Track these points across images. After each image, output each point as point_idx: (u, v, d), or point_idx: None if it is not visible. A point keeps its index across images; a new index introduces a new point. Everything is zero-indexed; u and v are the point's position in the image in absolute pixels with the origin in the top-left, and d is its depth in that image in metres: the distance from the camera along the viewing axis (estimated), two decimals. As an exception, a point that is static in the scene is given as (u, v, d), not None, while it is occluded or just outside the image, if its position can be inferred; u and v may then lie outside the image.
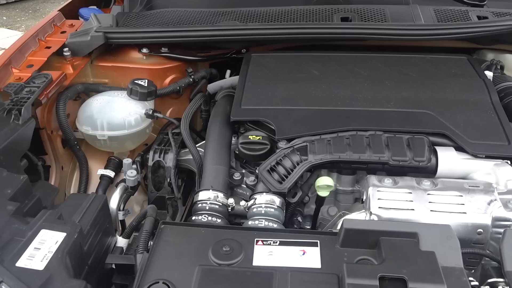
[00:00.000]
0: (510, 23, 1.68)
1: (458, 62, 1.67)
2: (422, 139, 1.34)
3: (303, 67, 1.67)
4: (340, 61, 1.69)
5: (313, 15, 1.83)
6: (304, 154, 1.33)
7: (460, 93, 1.51)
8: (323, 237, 1.09)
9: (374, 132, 1.37)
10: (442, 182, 1.26)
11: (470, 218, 1.17)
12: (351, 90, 1.54)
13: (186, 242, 1.09)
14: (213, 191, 1.31)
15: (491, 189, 1.22)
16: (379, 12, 1.82)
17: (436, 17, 1.77)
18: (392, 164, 1.30)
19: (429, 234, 1.02)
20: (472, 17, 1.76)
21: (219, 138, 1.48)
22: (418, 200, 1.21)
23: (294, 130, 1.40)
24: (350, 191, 1.43)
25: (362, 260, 1.03)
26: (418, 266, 0.96)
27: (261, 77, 1.64)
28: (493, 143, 1.33)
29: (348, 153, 1.32)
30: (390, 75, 1.60)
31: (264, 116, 1.46)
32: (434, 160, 1.31)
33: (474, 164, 1.31)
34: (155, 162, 1.62)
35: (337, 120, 1.42)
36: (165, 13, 2.05)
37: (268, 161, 1.34)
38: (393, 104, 1.47)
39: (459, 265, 0.98)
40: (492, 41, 1.83)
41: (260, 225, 1.22)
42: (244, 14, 1.90)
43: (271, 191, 1.30)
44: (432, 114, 1.42)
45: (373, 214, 1.19)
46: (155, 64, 1.88)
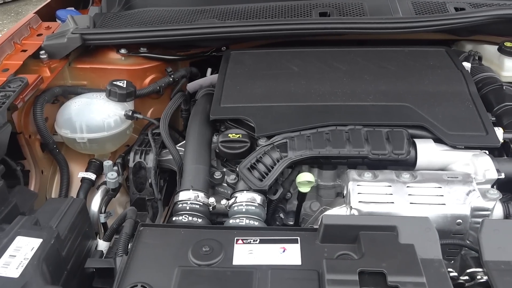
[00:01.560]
0: (486, 14, 1.69)
1: (436, 54, 1.68)
2: (401, 132, 1.34)
3: (283, 64, 1.66)
4: (319, 56, 1.68)
5: (291, 11, 1.83)
6: (284, 150, 1.33)
7: (438, 85, 1.51)
8: (303, 233, 1.09)
9: (353, 127, 1.37)
10: (421, 174, 1.26)
11: (449, 209, 1.17)
12: (330, 85, 1.53)
13: (165, 243, 1.08)
14: (194, 191, 1.30)
15: (470, 179, 1.23)
16: (358, 6, 1.82)
17: (414, 9, 1.78)
18: (372, 158, 1.30)
19: (408, 227, 1.03)
20: (449, 8, 1.76)
21: (199, 137, 1.46)
22: (398, 193, 1.21)
23: (273, 127, 1.39)
24: (332, 186, 1.43)
25: (342, 255, 1.03)
26: (397, 259, 0.96)
27: (240, 75, 1.63)
28: (471, 134, 1.34)
29: (328, 148, 1.31)
30: (369, 69, 1.60)
31: (243, 113, 1.45)
32: (413, 152, 1.31)
33: (453, 155, 1.31)
34: (136, 163, 1.60)
35: (317, 115, 1.41)
36: (143, 13, 2.03)
37: (248, 159, 1.33)
38: (372, 98, 1.47)
39: (438, 256, 0.98)
40: (470, 32, 1.84)
41: (241, 224, 1.22)
42: (223, 11, 1.89)
43: (252, 189, 1.29)
44: (411, 107, 1.42)
45: (353, 209, 1.19)
46: (134, 65, 1.86)
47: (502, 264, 0.96)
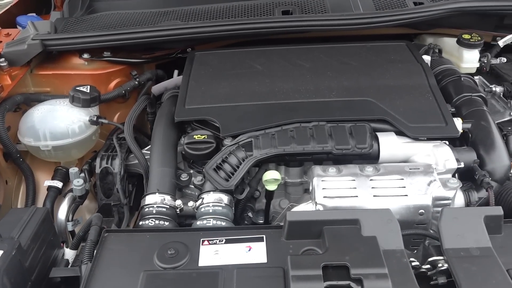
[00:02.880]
0: (444, 7, 1.73)
1: (397, 48, 1.71)
2: (364, 127, 1.36)
3: (247, 63, 1.66)
4: (283, 55, 1.70)
5: (254, 10, 1.83)
6: (249, 149, 1.33)
7: (399, 78, 1.54)
8: (269, 231, 1.09)
9: (317, 123, 1.38)
10: (384, 167, 1.29)
11: (412, 200, 1.20)
12: (294, 83, 1.54)
13: (130, 248, 1.07)
14: (160, 194, 1.30)
15: (431, 170, 1.26)
16: (319, 4, 1.84)
17: (374, 5, 1.81)
18: (336, 153, 1.32)
19: (370, 219, 1.04)
20: (408, 3, 1.80)
21: (164, 140, 1.46)
22: (361, 186, 1.23)
23: (238, 127, 1.39)
24: (299, 183, 1.45)
25: (307, 251, 1.04)
26: (360, 252, 0.98)
27: (204, 76, 1.63)
28: (431, 126, 1.37)
29: (293, 145, 1.32)
30: (332, 65, 1.62)
31: (208, 114, 1.45)
32: (376, 146, 1.34)
33: (414, 147, 1.34)
34: (103, 169, 1.58)
35: (281, 113, 1.42)
36: (106, 16, 2.00)
37: (214, 160, 1.33)
38: (335, 93, 1.49)
39: (400, 247, 1.00)
40: (429, 26, 1.88)
41: (208, 225, 1.22)
42: (186, 13, 1.88)
43: (219, 190, 1.29)
44: (373, 101, 1.45)
45: (319, 204, 1.20)
46: (97, 69, 1.84)
47: (461, 251, 0.99)
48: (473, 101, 1.50)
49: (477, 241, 1.00)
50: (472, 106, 1.48)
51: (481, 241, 1.00)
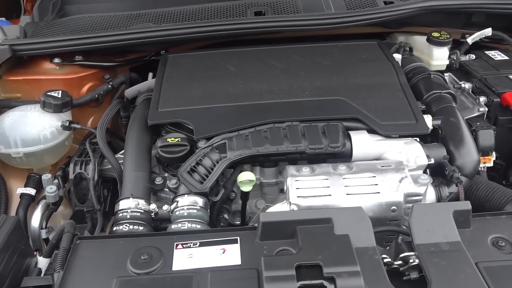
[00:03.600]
0: (413, 6, 1.76)
1: (368, 47, 1.73)
2: (337, 126, 1.37)
3: (220, 64, 1.66)
4: (256, 55, 1.70)
5: (227, 11, 1.83)
6: (223, 151, 1.33)
7: (370, 77, 1.56)
8: (243, 232, 1.10)
9: (290, 123, 1.39)
10: (357, 165, 1.30)
11: (384, 197, 1.22)
12: (267, 83, 1.55)
13: (103, 255, 1.05)
14: (134, 199, 1.28)
15: (402, 167, 1.28)
16: (292, 4, 1.85)
17: (346, 5, 1.83)
18: (309, 152, 1.32)
19: (343, 217, 1.05)
20: (379, 3, 1.82)
21: (138, 144, 1.44)
22: (335, 185, 1.24)
23: (212, 129, 1.39)
24: (275, 183, 1.45)
25: (281, 251, 1.04)
26: (332, 251, 0.99)
27: (178, 78, 1.62)
28: (402, 123, 1.39)
29: (266, 146, 1.33)
30: (305, 65, 1.63)
31: (182, 117, 1.44)
32: (349, 144, 1.35)
33: (386, 144, 1.36)
34: (77, 174, 1.55)
35: (255, 114, 1.43)
36: (77, 20, 1.97)
37: (188, 162, 1.33)
38: (308, 93, 1.50)
39: (372, 244, 1.02)
40: (400, 24, 1.91)
41: (183, 228, 1.21)
42: (158, 15, 1.87)
43: (193, 192, 1.29)
44: (345, 100, 1.46)
45: (293, 204, 1.21)
46: (69, 74, 1.81)
47: (432, 246, 1.01)
48: (442, 98, 1.53)
49: (447, 236, 1.02)
50: (441, 103, 1.50)
51: (450, 235, 1.02)
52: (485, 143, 1.49)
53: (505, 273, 0.97)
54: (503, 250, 1.03)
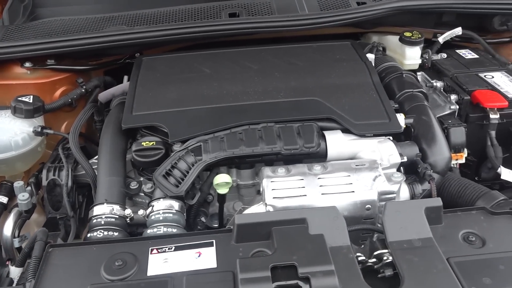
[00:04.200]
0: (385, 6, 1.78)
1: (342, 47, 1.75)
2: (311, 126, 1.38)
3: (195, 67, 1.65)
4: (231, 57, 1.70)
5: (201, 13, 1.83)
6: (198, 154, 1.33)
7: (344, 77, 1.58)
8: (219, 235, 1.09)
9: (266, 124, 1.39)
10: (331, 165, 1.31)
11: (358, 196, 1.23)
12: (242, 85, 1.55)
13: (76, 262, 1.04)
14: (108, 205, 1.27)
15: (376, 165, 1.30)
16: (266, 5, 1.85)
17: (319, 6, 1.84)
18: (284, 153, 1.33)
19: (317, 217, 1.06)
20: (352, 3, 1.84)
21: (112, 148, 1.42)
22: (310, 185, 1.25)
23: (187, 131, 1.38)
24: (251, 185, 1.45)
25: (257, 253, 1.05)
26: (307, 251, 0.99)
27: (152, 81, 1.61)
28: (375, 122, 1.41)
29: (242, 148, 1.33)
30: (279, 66, 1.64)
31: (156, 120, 1.43)
32: (324, 144, 1.36)
33: (360, 143, 1.38)
34: (50, 181, 1.52)
35: (230, 116, 1.42)
36: (49, 23, 1.94)
37: (163, 166, 1.32)
38: (283, 94, 1.50)
39: (346, 243, 1.03)
40: (373, 25, 1.94)
41: (158, 233, 1.20)
42: (132, 17, 1.85)
43: (169, 196, 1.28)
44: (320, 100, 1.47)
45: (269, 205, 1.21)
46: (41, 78, 1.78)
47: (404, 243, 1.02)
48: (414, 96, 1.55)
49: (419, 232, 1.04)
50: (413, 101, 1.53)
51: (422, 232, 1.04)
52: (457, 140, 1.52)
53: (475, 267, 0.99)
54: (473, 245, 1.05)
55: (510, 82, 1.69)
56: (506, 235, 1.07)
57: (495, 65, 1.83)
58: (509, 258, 1.01)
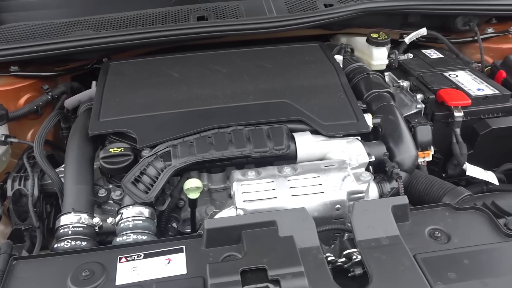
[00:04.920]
0: (352, 8, 1.81)
1: (310, 49, 1.77)
2: (281, 128, 1.39)
3: (163, 71, 1.64)
4: (200, 61, 1.69)
5: (169, 17, 1.81)
6: (168, 159, 1.31)
7: (313, 79, 1.59)
8: (189, 241, 1.08)
9: (235, 128, 1.39)
10: (301, 166, 1.32)
11: (328, 196, 1.24)
12: (211, 89, 1.54)
13: (42, 275, 1.01)
14: (75, 214, 1.24)
15: (345, 165, 1.31)
16: (234, 8, 1.85)
17: (287, 8, 1.85)
18: (254, 156, 1.33)
19: (287, 219, 1.07)
20: (319, 5, 1.86)
21: (79, 156, 1.40)
22: (280, 187, 1.25)
23: (156, 137, 1.37)
24: (223, 188, 1.45)
25: (227, 257, 1.04)
26: (277, 253, 1.00)
27: (120, 86, 1.58)
28: (344, 123, 1.42)
29: (211, 152, 1.32)
30: (249, 69, 1.64)
31: (124, 126, 1.41)
32: (293, 146, 1.37)
33: (329, 144, 1.39)
34: (16, 191, 1.48)
35: (199, 120, 1.42)
36: (12, 28, 1.89)
37: (131, 172, 1.30)
38: (252, 97, 1.50)
39: (316, 244, 1.03)
40: (341, 26, 1.96)
41: (128, 240, 1.18)
42: (99, 22, 1.82)
43: (138, 203, 1.26)
44: (289, 102, 1.48)
45: (239, 209, 1.21)
46: (4, 85, 1.73)
47: (372, 241, 1.04)
48: (381, 96, 1.58)
49: (386, 230, 1.06)
50: (381, 101, 1.55)
51: (389, 230, 1.06)
52: (423, 139, 1.55)
53: (441, 262, 1.01)
54: (439, 241, 1.07)
55: (473, 80, 1.74)
56: (470, 230, 1.10)
57: (459, 64, 1.88)
58: (473, 252, 1.04)
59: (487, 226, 1.11)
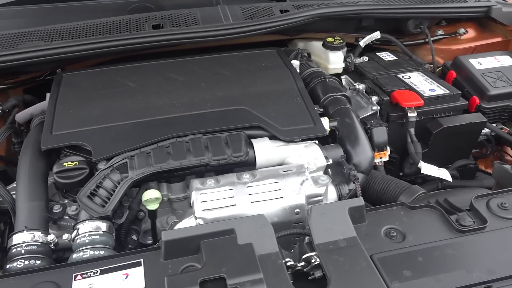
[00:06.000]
0: (306, 14, 1.84)
1: (267, 55, 1.78)
2: (239, 135, 1.39)
3: (118, 81, 1.61)
4: (156, 70, 1.67)
5: (124, 25, 1.78)
6: (124, 171, 1.29)
7: (270, 85, 1.60)
8: (147, 254, 1.07)
9: (193, 136, 1.38)
10: (260, 173, 1.32)
11: (287, 201, 1.25)
12: (168, 98, 1.53)
13: (-8, 298, 0.97)
14: (29, 232, 1.20)
15: (303, 170, 1.32)
16: (190, 16, 1.84)
17: (243, 15, 1.86)
18: (213, 164, 1.33)
19: (245, 227, 1.07)
20: (275, 11, 1.88)
21: (31, 171, 1.35)
22: (239, 194, 1.25)
23: (112, 148, 1.34)
24: (183, 198, 1.43)
25: (186, 268, 1.03)
26: (236, 261, 1.00)
27: (73, 98, 1.54)
28: (301, 127, 1.44)
29: (169, 161, 1.31)
30: (206, 76, 1.64)
31: (78, 139, 1.37)
32: (252, 152, 1.37)
33: (288, 149, 1.40)
34: (-35, 209, 1.42)
35: (156, 130, 1.40)
36: (-43, 41, 1.81)
37: (87, 186, 1.27)
38: (210, 105, 1.50)
39: (275, 249, 1.04)
40: (297, 32, 1.99)
41: (85, 256, 1.15)
42: (50, 32, 1.76)
43: (95, 217, 1.23)
44: (247, 109, 1.48)
45: (198, 218, 1.20)
46: (-49, 100, 1.66)
47: (330, 244, 1.05)
48: (337, 100, 1.60)
49: (344, 232, 1.07)
50: (337, 105, 1.58)
51: (347, 232, 1.07)
52: (379, 140, 1.59)
53: (396, 261, 1.04)
54: (394, 240, 1.10)
55: (426, 81, 1.80)
56: (424, 228, 1.13)
57: (412, 65, 1.94)
58: (427, 250, 1.07)
59: (440, 223, 1.15)
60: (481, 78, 1.83)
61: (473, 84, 1.83)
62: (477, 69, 1.87)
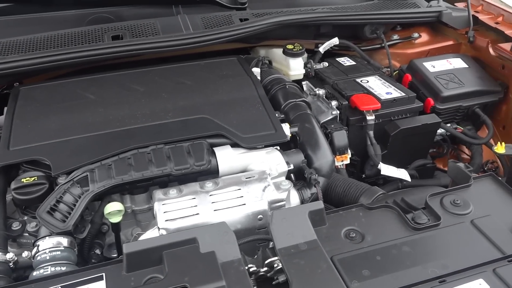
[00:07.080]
0: (266, 22, 1.87)
1: (228, 63, 1.80)
2: (201, 144, 1.40)
3: (78, 93, 1.59)
4: (116, 81, 1.66)
5: (82, 37, 1.76)
6: (85, 185, 1.28)
7: (231, 93, 1.62)
8: (109, 267, 1.06)
9: (155, 147, 1.38)
10: (222, 180, 1.34)
11: (250, 208, 1.27)
12: (129, 109, 1.52)
13: None
14: (-14, 251, 1.17)
15: (265, 176, 1.35)
16: (150, 26, 1.84)
17: (203, 24, 1.87)
18: (176, 174, 1.33)
19: (207, 235, 1.08)
20: (235, 20, 1.90)
21: (-13, 189, 1.32)
22: (202, 203, 1.26)
23: (72, 162, 1.33)
24: (147, 209, 1.43)
25: (149, 280, 1.03)
26: (199, 270, 1.01)
27: (31, 112, 1.52)
28: (263, 134, 1.46)
29: (131, 173, 1.30)
30: (167, 86, 1.64)
31: (37, 153, 1.35)
32: (214, 161, 1.38)
33: (249, 156, 1.42)
34: None
35: (117, 142, 1.39)
36: None
37: (47, 202, 1.25)
38: (172, 114, 1.50)
39: (237, 256, 1.05)
40: (258, 39, 2.01)
41: (45, 273, 1.13)
42: (4, 45, 1.72)
43: (56, 233, 1.21)
44: (208, 118, 1.50)
45: (161, 229, 1.20)
46: None
47: (292, 248, 1.07)
48: (298, 106, 1.64)
49: (304, 236, 1.10)
50: (297, 110, 1.61)
51: (308, 235, 1.10)
52: (340, 143, 1.63)
53: (356, 261, 1.07)
54: (354, 241, 1.13)
55: (383, 85, 1.86)
56: (382, 227, 1.17)
57: (370, 70, 2.00)
58: (385, 249, 1.11)
59: (396, 222, 1.19)
60: (434, 81, 1.90)
61: (427, 86, 1.91)
62: (431, 72, 1.95)
